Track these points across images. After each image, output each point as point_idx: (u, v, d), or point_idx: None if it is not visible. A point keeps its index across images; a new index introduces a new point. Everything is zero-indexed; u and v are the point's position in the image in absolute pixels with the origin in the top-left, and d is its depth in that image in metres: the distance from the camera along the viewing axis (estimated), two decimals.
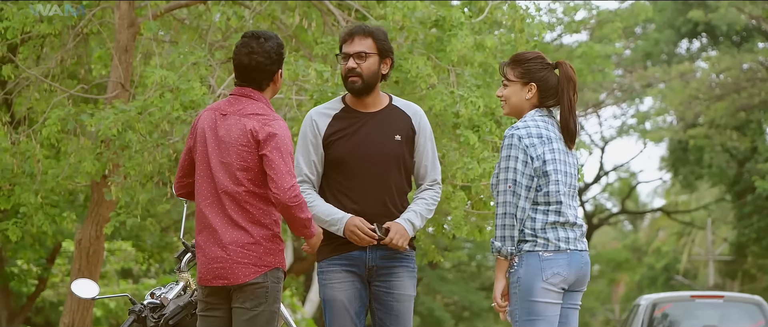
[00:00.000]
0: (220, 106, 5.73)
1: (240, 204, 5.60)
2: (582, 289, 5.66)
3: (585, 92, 31.92)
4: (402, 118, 6.07)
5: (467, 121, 9.79)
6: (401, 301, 6.04)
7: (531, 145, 5.49)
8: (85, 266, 11.14)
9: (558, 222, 5.51)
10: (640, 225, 56.46)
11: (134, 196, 10.09)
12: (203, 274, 5.67)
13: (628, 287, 53.90)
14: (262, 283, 5.62)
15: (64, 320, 11.29)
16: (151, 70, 9.74)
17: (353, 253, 5.98)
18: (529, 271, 5.47)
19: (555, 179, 5.50)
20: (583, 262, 5.59)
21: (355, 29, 6.00)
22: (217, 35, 11.43)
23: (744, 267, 35.76)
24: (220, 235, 5.60)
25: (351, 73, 5.96)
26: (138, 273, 23.47)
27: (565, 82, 5.59)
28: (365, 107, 6.05)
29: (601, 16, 25.04)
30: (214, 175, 5.62)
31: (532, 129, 5.54)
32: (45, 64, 11.31)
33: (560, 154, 5.57)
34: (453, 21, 9.79)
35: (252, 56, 5.66)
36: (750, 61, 30.34)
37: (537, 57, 5.66)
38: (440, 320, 34.42)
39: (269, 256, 5.64)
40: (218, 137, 5.64)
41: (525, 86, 5.63)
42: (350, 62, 5.95)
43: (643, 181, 45.06)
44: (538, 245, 5.48)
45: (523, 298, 5.47)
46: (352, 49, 5.97)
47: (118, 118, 9.54)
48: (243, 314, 5.63)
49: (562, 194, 5.52)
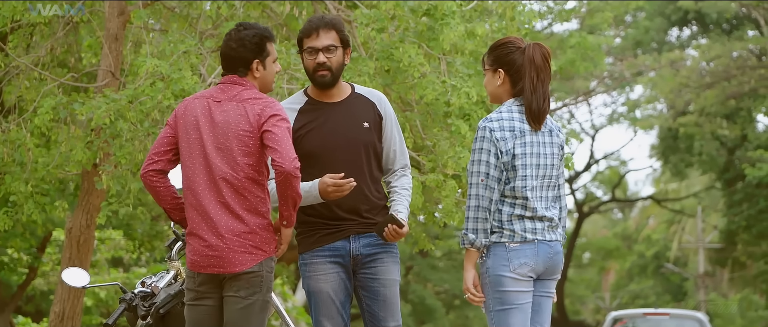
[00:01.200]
0: (211, 94, 5.70)
1: (238, 191, 5.58)
2: (554, 277, 5.71)
3: (575, 80, 31.94)
4: (367, 105, 6.09)
5: (458, 110, 9.79)
6: (387, 286, 6.06)
7: (502, 139, 5.52)
8: (76, 255, 11.12)
9: (524, 215, 5.55)
10: (630, 213, 56.55)
11: (125, 185, 10.08)
12: (197, 261, 5.63)
13: (618, 275, 54.01)
14: (257, 272, 5.61)
15: (55, 309, 11.28)
16: (143, 59, 9.72)
17: (336, 244, 6.01)
18: (496, 262, 5.53)
19: (523, 175, 5.54)
20: (553, 252, 5.63)
21: (318, 23, 6.00)
22: (208, 24, 11.41)
23: (734, 254, 35.85)
24: (215, 222, 5.57)
25: (321, 67, 5.98)
26: (129, 262, 23.43)
27: (527, 64, 5.59)
28: (330, 98, 6.07)
29: (591, 5, 25.06)
30: (210, 161, 5.59)
31: (505, 122, 5.56)
32: (35, 52, 11.28)
33: (533, 147, 5.58)
34: (444, 9, 9.79)
35: (229, 44, 5.69)
36: (740, 49, 30.38)
37: (507, 43, 5.67)
38: (431, 308, 34.46)
39: (264, 245, 5.63)
40: (214, 123, 5.61)
41: (495, 73, 5.67)
42: (320, 57, 5.97)
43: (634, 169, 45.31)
44: (504, 236, 5.54)
45: (493, 289, 5.55)
46: (319, 44, 5.97)
47: (110, 107, 9.52)
48: (237, 303, 5.62)
49: (529, 189, 5.55)
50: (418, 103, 10.24)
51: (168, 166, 5.72)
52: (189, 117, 5.66)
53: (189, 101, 5.72)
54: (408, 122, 10.20)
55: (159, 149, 5.71)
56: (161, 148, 5.71)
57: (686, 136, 32.29)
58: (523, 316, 5.56)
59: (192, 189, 5.62)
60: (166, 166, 5.72)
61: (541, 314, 5.71)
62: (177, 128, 5.69)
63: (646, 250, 46.80)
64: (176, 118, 5.70)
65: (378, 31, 9.86)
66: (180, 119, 5.69)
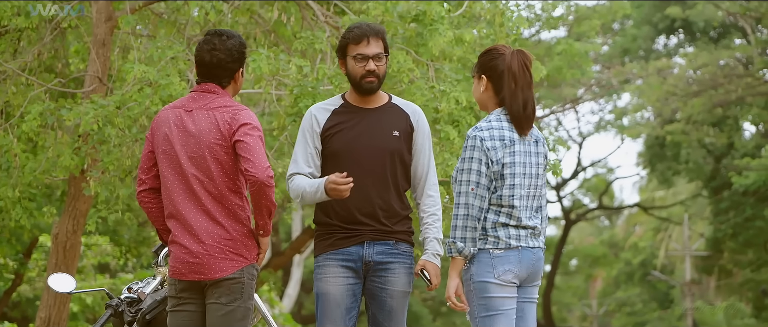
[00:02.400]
0: (183, 103, 5.69)
1: (215, 198, 5.57)
2: (536, 283, 5.75)
3: (563, 88, 31.97)
4: (400, 116, 6.13)
5: (447, 116, 9.80)
6: (395, 298, 6.06)
7: (492, 148, 5.54)
8: (62, 261, 11.09)
9: (509, 223, 5.57)
10: (617, 220, 56.61)
11: (114, 191, 10.05)
12: (178, 268, 5.63)
13: (605, 283, 54.05)
14: (238, 279, 5.61)
15: (41, 315, 11.23)
16: (131, 65, 9.70)
17: (350, 249, 6.02)
18: (480, 269, 5.55)
19: (510, 184, 5.56)
20: (535, 258, 5.66)
21: (368, 30, 6.05)
22: (196, 30, 11.39)
23: (720, 262, 35.90)
24: (196, 229, 5.57)
25: (371, 74, 6.02)
26: (115, 268, 23.38)
27: (505, 72, 5.61)
28: (366, 104, 6.11)
29: (579, 12, 25.07)
30: (184, 171, 5.58)
31: (495, 131, 5.58)
32: (22, 57, 11.24)
33: (521, 156, 5.60)
34: (433, 15, 9.79)
35: (213, 53, 5.66)
36: (727, 57, 30.45)
37: (492, 50, 5.71)
38: (418, 315, 34.47)
39: (245, 252, 5.63)
40: (187, 133, 5.60)
41: (480, 80, 5.70)
42: (370, 64, 6.01)
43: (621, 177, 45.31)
44: (488, 243, 5.57)
45: (478, 296, 5.57)
46: (370, 51, 6.02)
47: (98, 112, 9.50)
48: (218, 310, 5.61)
49: (517, 198, 5.57)
50: None
51: (156, 183, 5.73)
52: (161, 129, 5.65)
53: (162, 113, 5.72)
54: None
55: (144, 168, 5.74)
56: (145, 166, 5.74)
57: (673, 144, 32.34)
58: (508, 321, 5.58)
59: (171, 198, 5.61)
60: (155, 184, 5.73)
61: (526, 320, 5.73)
62: (154, 142, 5.69)
63: (633, 258, 46.84)
64: (152, 132, 5.70)
65: None
66: (155, 132, 5.68)
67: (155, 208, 5.74)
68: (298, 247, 22.79)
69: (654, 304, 46.57)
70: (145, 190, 5.73)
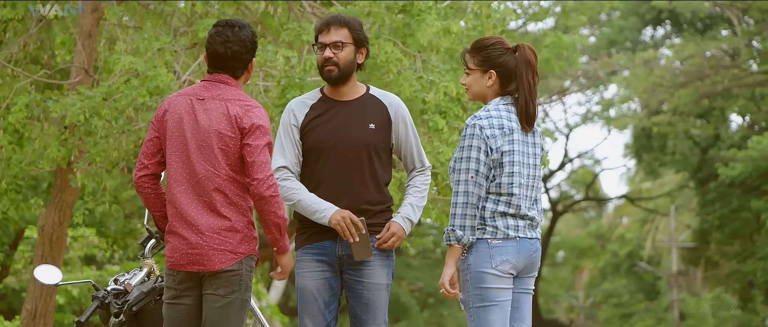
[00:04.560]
0: (195, 91, 5.67)
1: (218, 189, 5.55)
2: (533, 274, 5.75)
3: (550, 79, 32.00)
4: (378, 107, 6.12)
5: (434, 106, 9.80)
6: (372, 290, 6.05)
7: (492, 137, 5.53)
8: (48, 252, 11.06)
9: (507, 212, 5.57)
10: (604, 212, 56.71)
11: (100, 183, 10.03)
12: (176, 260, 5.59)
13: (591, 274, 54.14)
14: (237, 271, 5.59)
15: (27, 307, 11.21)
16: (118, 56, 9.67)
17: (324, 243, 6.02)
18: (478, 258, 5.54)
19: (509, 171, 5.55)
20: (533, 249, 5.66)
21: (331, 19, 6.05)
22: (182, 21, 11.36)
23: (707, 254, 35.98)
24: (195, 220, 5.54)
25: (328, 62, 6.02)
26: (102, 259, 23.33)
27: (523, 66, 5.61)
28: (341, 96, 6.10)
29: (566, 5, 25.10)
30: (191, 159, 5.56)
31: (494, 120, 5.57)
32: (8, 49, 11.20)
33: (520, 145, 5.60)
34: (420, 6, 9.78)
35: (227, 45, 5.63)
36: (713, 48, 30.50)
37: (496, 43, 5.67)
38: (406, 306, 34.47)
39: (245, 243, 5.60)
40: (197, 121, 5.58)
41: (485, 74, 5.67)
42: (327, 52, 6.01)
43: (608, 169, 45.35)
44: (486, 233, 5.55)
45: (474, 285, 5.55)
46: (328, 39, 6.01)
47: (84, 104, 9.47)
48: (216, 301, 5.59)
49: (516, 185, 5.57)
50: None
51: (159, 169, 5.70)
52: (173, 115, 5.63)
53: (172, 99, 5.69)
54: None
55: (147, 153, 5.69)
56: (149, 151, 5.69)
57: (660, 135, 32.39)
58: (503, 313, 5.57)
59: (173, 187, 5.60)
60: (157, 170, 5.70)
61: (521, 311, 5.72)
62: (161, 128, 5.66)
63: (620, 249, 46.93)
64: (160, 118, 5.67)
65: None
66: (164, 117, 5.65)
67: (154, 195, 5.71)
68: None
69: (640, 296, 46.69)
70: (146, 175, 5.69)
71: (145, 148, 5.70)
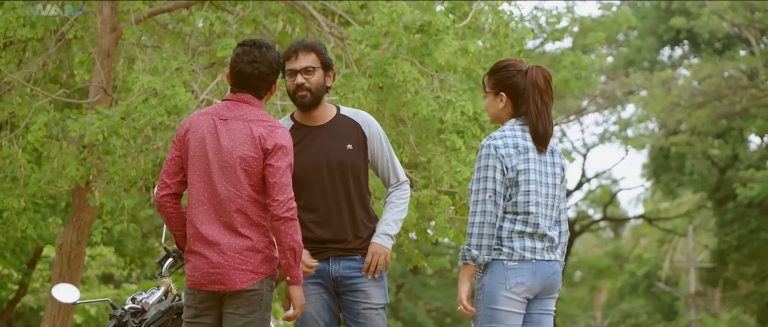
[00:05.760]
0: (217, 111, 5.67)
1: (240, 210, 5.54)
2: (553, 295, 5.70)
3: (567, 99, 31.98)
4: (351, 127, 6.12)
5: (452, 126, 9.80)
6: (368, 310, 6.06)
7: (507, 156, 5.53)
8: (66, 271, 11.08)
9: (525, 232, 5.54)
10: (622, 232, 56.55)
11: (118, 202, 10.05)
12: (197, 279, 5.59)
13: (609, 294, 53.97)
14: (258, 291, 5.58)
15: (45, 325, 11.23)
16: (136, 75, 9.70)
17: (319, 266, 6.02)
18: (493, 279, 5.52)
19: (525, 190, 5.54)
20: (551, 271, 5.62)
21: (297, 46, 6.04)
22: (200, 40, 11.39)
23: (725, 274, 35.84)
24: (216, 239, 5.53)
25: (300, 88, 6.01)
26: (119, 278, 23.39)
27: (530, 88, 5.59)
28: (314, 121, 6.10)
29: (583, 24, 25.09)
30: (213, 179, 5.55)
31: (508, 139, 5.57)
32: (27, 68, 11.25)
33: (536, 164, 5.59)
34: (438, 26, 9.79)
35: (254, 65, 5.63)
36: (731, 68, 30.43)
37: (508, 65, 5.67)
38: (422, 326, 34.41)
39: (266, 264, 5.60)
40: (219, 142, 5.58)
41: (497, 96, 5.69)
42: (298, 78, 6.00)
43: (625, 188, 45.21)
44: (502, 254, 5.53)
45: (485, 305, 5.53)
46: (298, 65, 6.01)
47: (103, 123, 9.50)
48: (236, 320, 5.59)
49: (533, 204, 5.55)
50: (412, 119, 10.23)
51: (181, 189, 5.70)
52: (196, 134, 5.62)
53: (194, 118, 5.68)
54: (402, 138, 10.19)
55: (169, 172, 5.68)
56: (171, 170, 5.68)
57: (677, 156, 32.31)
58: None
59: (194, 207, 5.59)
60: (179, 189, 5.69)
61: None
62: (183, 147, 5.66)
63: (638, 270, 46.78)
64: (181, 137, 5.67)
65: (371, 47, 9.86)
66: (186, 137, 5.65)
67: (175, 214, 5.71)
68: None
69: (658, 316, 46.49)
70: (167, 194, 5.68)
71: (167, 168, 5.70)
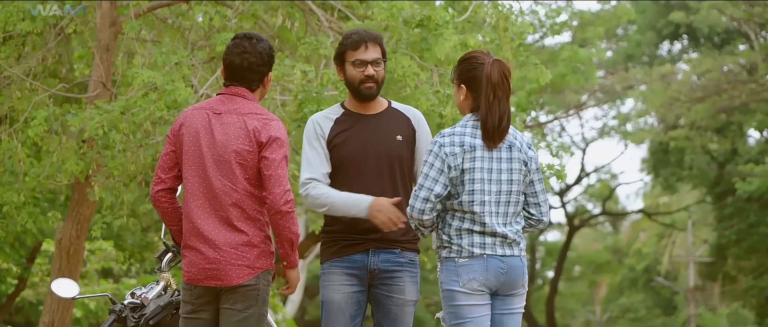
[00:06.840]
0: (211, 105, 5.67)
1: (235, 204, 5.55)
2: (513, 293, 5.64)
3: (566, 94, 31.96)
4: (402, 120, 6.16)
5: (451, 120, 9.79)
6: (400, 306, 6.08)
7: (451, 154, 5.51)
8: (66, 266, 11.08)
9: (473, 229, 5.53)
10: (621, 226, 56.57)
11: (118, 197, 10.05)
12: (194, 275, 5.59)
13: (609, 289, 53.99)
14: (254, 286, 5.59)
15: (44, 320, 11.22)
16: (136, 70, 9.70)
17: (355, 256, 6.03)
18: (447, 277, 5.56)
19: (470, 189, 5.52)
20: (507, 267, 5.57)
21: (366, 36, 6.08)
22: (200, 35, 11.39)
23: (724, 269, 35.87)
24: (212, 235, 5.54)
25: (369, 79, 6.06)
26: (118, 273, 23.38)
27: (484, 82, 5.55)
28: (367, 110, 6.14)
29: (583, 18, 25.06)
30: (208, 174, 5.56)
31: (456, 137, 5.55)
32: (26, 62, 11.24)
33: (484, 162, 5.54)
34: (438, 20, 9.78)
35: (244, 56, 5.64)
36: (731, 63, 30.43)
37: (470, 58, 5.65)
38: (421, 321, 34.46)
39: (262, 258, 5.60)
40: (214, 136, 5.58)
41: (459, 88, 5.66)
42: (369, 69, 6.04)
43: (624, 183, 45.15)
44: (452, 251, 5.55)
45: (447, 304, 5.58)
46: (368, 57, 6.05)
47: (102, 118, 9.49)
48: (233, 316, 5.59)
49: (477, 203, 5.52)
50: None
51: (176, 184, 5.70)
52: (189, 129, 5.62)
53: (188, 113, 5.68)
54: None
55: (164, 167, 5.69)
56: (166, 165, 5.69)
57: (677, 150, 32.31)
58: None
59: (189, 201, 5.59)
60: (174, 184, 5.70)
61: None
62: (177, 142, 5.65)
63: (637, 264, 46.79)
64: (176, 132, 5.66)
65: None
66: (180, 131, 5.65)
67: (171, 209, 5.71)
68: (302, 252, 22.78)
69: (658, 311, 46.53)
70: (163, 189, 5.69)
71: (162, 162, 5.70)
